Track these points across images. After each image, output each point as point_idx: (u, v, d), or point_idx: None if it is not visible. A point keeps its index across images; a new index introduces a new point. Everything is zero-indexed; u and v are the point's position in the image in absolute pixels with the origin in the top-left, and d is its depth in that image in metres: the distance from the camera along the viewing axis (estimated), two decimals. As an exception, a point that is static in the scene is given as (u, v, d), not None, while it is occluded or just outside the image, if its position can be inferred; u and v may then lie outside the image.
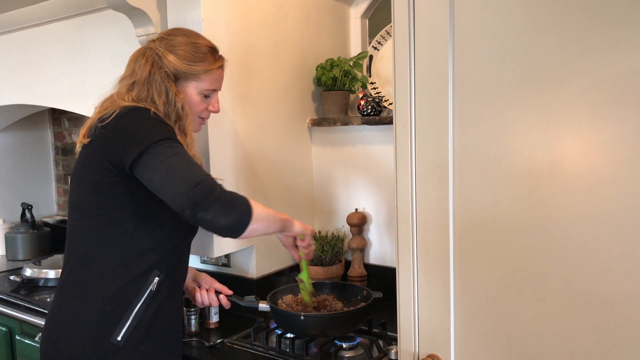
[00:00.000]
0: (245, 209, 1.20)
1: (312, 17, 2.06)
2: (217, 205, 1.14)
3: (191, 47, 1.37)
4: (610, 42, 0.88)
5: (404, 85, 1.09)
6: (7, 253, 2.81)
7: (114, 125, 1.24)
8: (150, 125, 1.23)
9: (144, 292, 1.27)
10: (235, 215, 1.17)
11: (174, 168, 1.18)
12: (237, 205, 1.18)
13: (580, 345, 0.95)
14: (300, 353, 1.54)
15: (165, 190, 1.18)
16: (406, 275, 1.14)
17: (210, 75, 1.39)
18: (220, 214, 1.15)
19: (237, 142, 1.80)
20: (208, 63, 1.38)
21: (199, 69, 1.36)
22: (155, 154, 1.19)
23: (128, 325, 1.25)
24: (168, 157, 1.19)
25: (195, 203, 1.13)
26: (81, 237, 1.30)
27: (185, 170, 1.18)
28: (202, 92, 1.39)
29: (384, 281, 1.95)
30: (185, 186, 1.14)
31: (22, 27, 2.37)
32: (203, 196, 1.13)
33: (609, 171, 0.90)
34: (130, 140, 1.21)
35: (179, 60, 1.34)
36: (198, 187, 1.14)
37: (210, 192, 1.15)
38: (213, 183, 1.18)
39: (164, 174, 1.18)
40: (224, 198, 1.16)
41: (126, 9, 1.76)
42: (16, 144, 3.05)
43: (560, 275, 0.96)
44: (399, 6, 1.09)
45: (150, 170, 1.19)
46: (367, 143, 2.01)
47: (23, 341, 2.10)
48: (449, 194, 1.06)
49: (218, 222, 1.15)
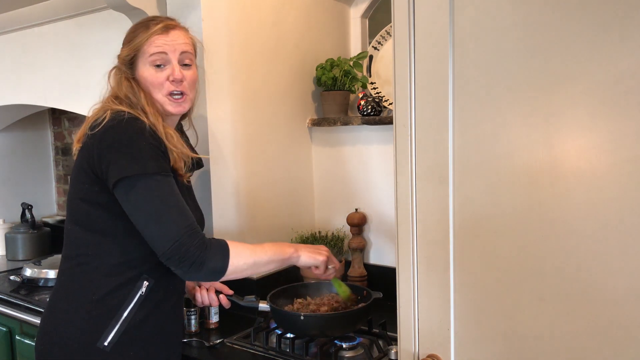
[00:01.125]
0: (218, 265, 1.23)
1: (312, 17, 2.06)
2: (187, 265, 1.19)
3: (131, 29, 1.35)
4: (610, 42, 0.88)
5: (404, 85, 1.09)
6: (7, 253, 2.81)
7: (100, 137, 1.21)
8: (139, 150, 1.20)
9: (133, 297, 1.26)
10: (207, 272, 1.22)
11: (153, 214, 1.19)
12: (209, 263, 1.21)
13: (580, 345, 0.95)
14: (300, 353, 1.54)
15: (145, 233, 1.21)
16: (406, 275, 1.14)
17: (148, 43, 1.29)
18: (189, 272, 1.21)
19: (237, 142, 1.80)
20: (142, 33, 1.31)
21: (135, 43, 1.30)
22: (139, 189, 1.18)
23: (116, 331, 1.25)
24: (152, 198, 1.19)
25: (168, 260, 1.19)
26: (73, 241, 1.30)
27: (165, 220, 1.18)
28: (151, 64, 1.30)
29: (384, 281, 1.95)
30: (162, 240, 1.18)
31: (22, 27, 2.37)
32: (176, 256, 1.18)
33: (609, 171, 0.90)
34: (114, 160, 1.19)
35: (122, 48, 1.34)
36: (174, 246, 1.17)
37: (183, 253, 1.18)
38: (189, 240, 1.19)
39: (145, 218, 1.19)
40: (197, 259, 1.19)
41: (126, 9, 1.76)
42: (16, 144, 3.05)
43: (560, 275, 0.96)
44: (399, 6, 1.09)
45: (132, 206, 1.20)
46: (367, 143, 2.01)
47: (23, 341, 2.10)
48: (449, 194, 1.06)
49: (188, 278, 1.25)
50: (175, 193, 1.22)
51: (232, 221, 1.82)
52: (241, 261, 1.25)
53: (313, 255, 1.39)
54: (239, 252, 1.26)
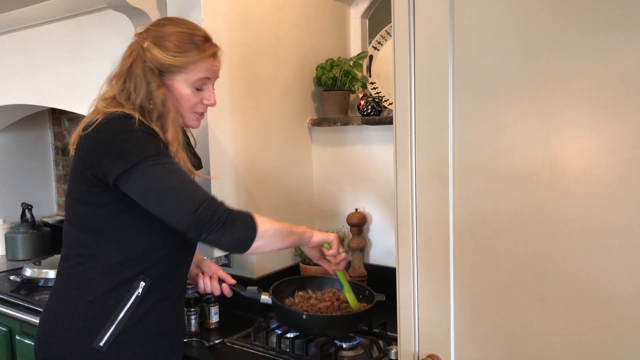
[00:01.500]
0: (249, 227, 1.20)
1: (312, 17, 2.06)
2: (220, 227, 1.15)
3: (178, 37, 1.27)
4: (610, 42, 0.88)
5: (404, 85, 1.09)
6: (7, 253, 2.81)
7: (94, 135, 1.20)
8: (136, 139, 1.18)
9: (130, 298, 1.26)
10: (239, 235, 1.19)
11: (171, 189, 1.16)
12: (240, 225, 1.19)
13: (580, 345, 0.95)
14: (300, 353, 1.54)
15: (165, 211, 1.17)
16: (406, 275, 1.14)
17: (198, 66, 1.28)
18: (223, 235, 1.16)
19: (237, 142, 1.80)
20: (195, 53, 1.28)
21: (184, 60, 1.27)
22: (146, 172, 1.16)
23: (112, 331, 1.24)
24: (162, 175, 1.16)
25: (198, 225, 1.14)
26: (71, 242, 1.30)
27: (184, 190, 1.16)
28: (192, 85, 1.30)
29: (384, 281, 1.95)
30: (187, 208, 1.14)
31: (22, 27, 2.37)
32: (206, 218, 1.14)
33: (609, 171, 0.90)
34: (112, 154, 1.18)
35: (163, 53, 1.25)
36: (200, 209, 1.14)
37: (212, 214, 1.15)
38: (214, 204, 1.17)
39: (160, 195, 1.16)
40: (227, 219, 1.17)
41: (126, 9, 1.76)
42: (16, 144, 3.05)
43: (560, 275, 0.96)
44: (399, 6, 1.09)
45: (144, 189, 1.17)
46: (367, 143, 2.01)
47: (23, 341, 2.10)
48: (449, 194, 1.06)
49: (222, 242, 1.18)
50: (183, 169, 1.22)
51: (232, 221, 1.82)
52: (267, 225, 1.23)
53: (325, 233, 1.40)
54: (263, 218, 1.24)
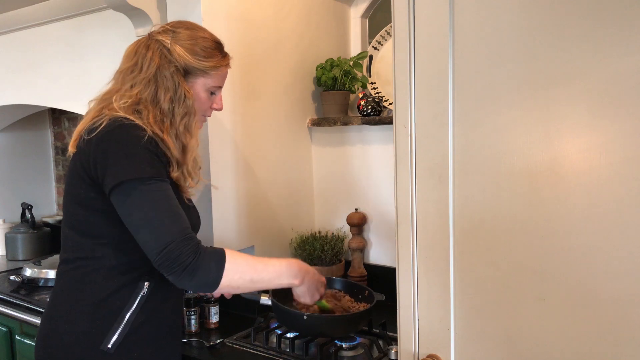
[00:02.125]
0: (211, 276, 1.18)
1: (312, 17, 2.06)
2: (179, 271, 1.15)
3: (201, 41, 1.31)
4: (610, 42, 0.88)
5: (404, 85, 1.09)
6: (7, 253, 2.81)
7: (97, 141, 1.19)
8: (134, 155, 1.17)
9: (135, 299, 1.26)
10: (199, 282, 1.18)
11: (146, 220, 1.16)
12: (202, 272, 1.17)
13: (580, 345, 0.95)
14: (300, 353, 1.54)
15: (138, 238, 1.18)
16: (406, 275, 1.14)
17: (218, 72, 1.35)
18: (181, 279, 1.16)
19: (237, 142, 1.80)
20: (218, 59, 1.34)
21: (208, 64, 1.31)
22: (130, 194, 1.16)
23: (119, 332, 1.24)
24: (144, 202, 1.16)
25: (159, 265, 1.15)
26: (71, 246, 1.28)
27: (157, 225, 1.15)
28: (209, 89, 1.35)
29: (383, 281, 1.95)
30: (155, 246, 1.15)
31: (22, 27, 2.37)
32: (167, 262, 1.14)
33: (609, 171, 0.90)
34: (110, 165, 1.17)
35: (189, 55, 1.29)
36: (166, 250, 1.14)
37: (174, 258, 1.14)
38: (182, 246, 1.15)
39: (136, 223, 1.16)
40: (189, 266, 1.15)
41: (126, 9, 1.76)
42: (16, 144, 3.05)
43: (560, 275, 0.96)
44: (399, 6, 1.09)
45: (126, 209, 1.17)
46: (367, 143, 2.01)
47: (23, 341, 2.10)
48: (449, 194, 1.06)
49: (180, 284, 1.19)
50: (170, 197, 1.20)
51: (231, 221, 1.82)
52: (236, 275, 1.21)
53: (309, 294, 1.39)
54: (237, 264, 1.21)
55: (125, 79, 1.29)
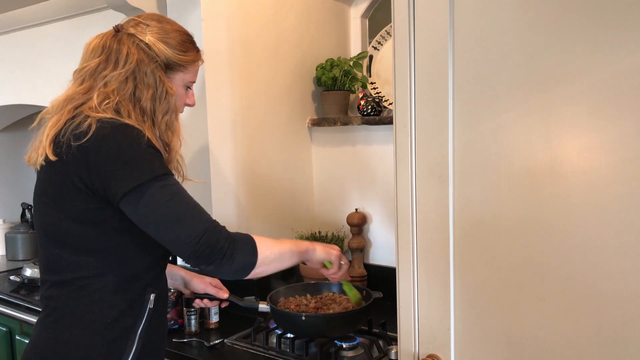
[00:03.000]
0: (249, 257, 1.18)
1: (312, 17, 2.06)
2: (220, 258, 1.13)
3: (176, 35, 1.25)
4: (610, 42, 0.88)
5: (404, 85, 1.09)
6: (7, 253, 2.81)
7: (96, 147, 1.09)
8: (143, 154, 1.12)
9: (144, 313, 1.21)
10: (238, 264, 1.17)
11: (174, 214, 1.11)
12: (240, 255, 1.16)
13: (580, 345, 0.95)
14: (300, 353, 1.54)
15: (166, 237, 1.13)
16: (406, 275, 1.14)
17: (194, 66, 1.30)
18: (222, 265, 1.14)
19: (237, 142, 1.80)
20: (194, 53, 1.28)
21: (187, 59, 1.26)
22: (150, 193, 1.10)
23: (134, 349, 1.19)
24: (166, 199, 1.11)
25: (199, 256, 1.12)
26: (66, 266, 1.17)
27: (186, 219, 1.12)
28: (185, 85, 1.29)
29: (384, 281, 1.95)
30: (188, 238, 1.11)
31: (22, 27, 2.37)
32: (207, 249, 1.11)
33: (609, 171, 0.90)
34: (119, 170, 1.10)
35: (169, 50, 1.22)
36: (202, 240, 1.11)
37: (213, 245, 1.12)
38: (216, 234, 1.13)
39: (162, 220, 1.11)
40: (227, 250, 1.14)
41: (126, 9, 1.76)
42: (16, 144, 3.05)
43: (560, 275, 0.96)
44: (399, 6, 1.09)
45: (146, 211, 1.11)
46: (367, 143, 2.01)
47: (23, 341, 2.10)
48: (449, 194, 1.06)
49: (220, 271, 1.16)
50: (185, 190, 1.17)
51: (232, 221, 1.82)
52: (268, 251, 1.21)
53: (327, 249, 1.37)
54: (265, 243, 1.22)
55: (97, 77, 1.18)
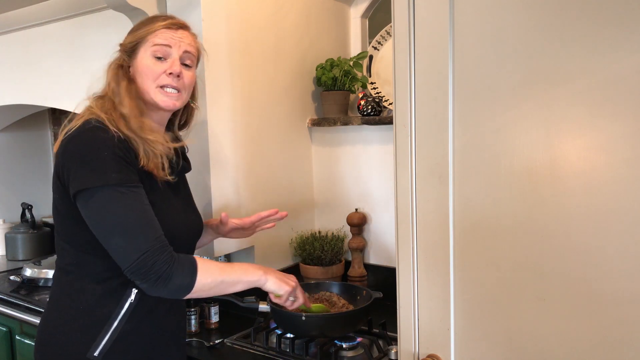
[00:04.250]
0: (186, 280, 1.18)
1: (312, 17, 2.06)
2: (154, 279, 1.14)
3: (140, 20, 1.34)
4: (610, 42, 0.88)
5: (404, 85, 1.09)
6: (7, 253, 2.81)
7: (66, 144, 1.19)
8: (102, 159, 1.15)
9: (123, 306, 1.23)
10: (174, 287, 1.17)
11: (119, 225, 1.14)
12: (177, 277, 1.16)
13: (580, 345, 0.95)
14: (300, 353, 1.54)
15: (108, 245, 1.16)
16: (406, 275, 1.14)
17: (155, 34, 1.28)
18: (155, 286, 1.16)
19: (237, 142, 1.80)
20: (152, 24, 1.29)
21: (142, 32, 1.29)
22: (100, 198, 1.14)
23: (106, 340, 1.22)
24: (116, 208, 1.14)
25: (133, 273, 1.14)
26: (60, 251, 1.28)
27: (133, 231, 1.14)
28: (152, 54, 1.27)
29: (384, 281, 1.95)
30: (128, 252, 1.13)
31: (22, 27, 2.37)
32: (142, 269, 1.13)
33: (609, 171, 0.90)
34: (75, 170, 1.15)
35: (128, 35, 1.32)
36: (141, 257, 1.13)
37: (150, 265, 1.13)
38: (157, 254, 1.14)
39: (108, 230, 1.15)
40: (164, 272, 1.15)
41: (126, 9, 1.76)
42: (16, 144, 3.05)
43: (560, 275, 0.96)
44: (399, 6, 1.09)
45: (93, 216, 1.16)
46: (367, 143, 2.01)
47: (23, 341, 2.10)
48: (449, 194, 1.06)
49: (153, 292, 1.18)
50: (142, 204, 1.18)
51: (232, 221, 1.82)
52: (209, 279, 1.20)
53: (279, 282, 1.32)
54: (207, 269, 1.21)
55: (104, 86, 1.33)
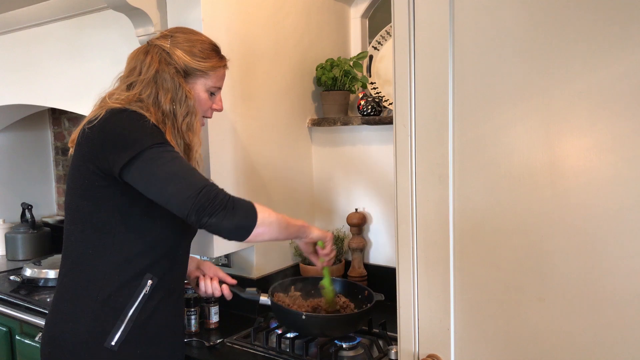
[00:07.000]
0: (250, 213, 1.22)
1: (312, 17, 2.06)
2: (221, 210, 1.17)
3: (198, 44, 1.37)
4: (610, 43, 0.88)
5: (404, 85, 1.09)
6: (7, 253, 2.81)
7: (100, 127, 1.22)
8: (141, 128, 1.21)
9: (138, 296, 1.26)
10: (239, 220, 1.20)
11: (174, 174, 1.18)
12: (241, 210, 1.20)
13: (580, 345, 0.95)
14: (300, 353, 1.54)
15: (167, 196, 1.18)
16: (406, 275, 1.14)
17: (217, 72, 1.40)
18: (224, 219, 1.17)
19: (237, 142, 1.80)
20: (215, 60, 1.39)
21: (207, 65, 1.36)
22: (150, 159, 1.18)
23: (122, 330, 1.25)
24: (166, 162, 1.19)
25: (200, 209, 1.15)
26: (74, 242, 1.29)
27: (187, 175, 1.18)
28: (209, 90, 1.40)
29: (384, 281, 1.95)
30: (189, 192, 1.16)
31: (22, 27, 2.37)
32: (207, 202, 1.15)
33: (609, 171, 0.90)
34: (119, 144, 1.19)
35: (188, 57, 1.34)
36: (202, 192, 1.16)
37: (214, 197, 1.16)
38: (216, 189, 1.19)
39: (163, 180, 1.17)
40: (228, 203, 1.18)
41: (126, 9, 1.76)
42: (16, 144, 3.05)
43: (560, 275, 0.96)
44: (399, 6, 1.09)
45: (147, 175, 1.18)
46: (367, 143, 2.01)
47: (23, 341, 2.10)
48: (449, 194, 1.06)
49: (222, 226, 1.18)
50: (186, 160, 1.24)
51: (232, 221, 1.82)
52: (266, 214, 1.25)
53: (322, 231, 1.45)
54: (263, 207, 1.26)
55: (122, 82, 1.34)
